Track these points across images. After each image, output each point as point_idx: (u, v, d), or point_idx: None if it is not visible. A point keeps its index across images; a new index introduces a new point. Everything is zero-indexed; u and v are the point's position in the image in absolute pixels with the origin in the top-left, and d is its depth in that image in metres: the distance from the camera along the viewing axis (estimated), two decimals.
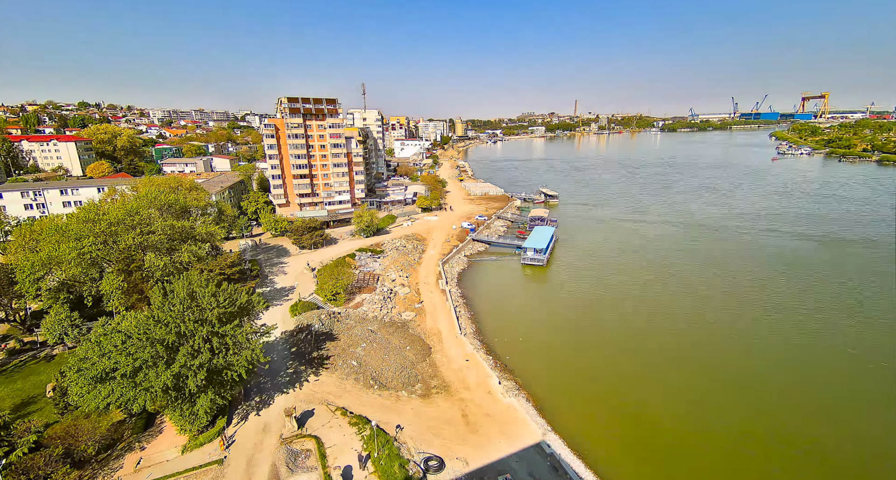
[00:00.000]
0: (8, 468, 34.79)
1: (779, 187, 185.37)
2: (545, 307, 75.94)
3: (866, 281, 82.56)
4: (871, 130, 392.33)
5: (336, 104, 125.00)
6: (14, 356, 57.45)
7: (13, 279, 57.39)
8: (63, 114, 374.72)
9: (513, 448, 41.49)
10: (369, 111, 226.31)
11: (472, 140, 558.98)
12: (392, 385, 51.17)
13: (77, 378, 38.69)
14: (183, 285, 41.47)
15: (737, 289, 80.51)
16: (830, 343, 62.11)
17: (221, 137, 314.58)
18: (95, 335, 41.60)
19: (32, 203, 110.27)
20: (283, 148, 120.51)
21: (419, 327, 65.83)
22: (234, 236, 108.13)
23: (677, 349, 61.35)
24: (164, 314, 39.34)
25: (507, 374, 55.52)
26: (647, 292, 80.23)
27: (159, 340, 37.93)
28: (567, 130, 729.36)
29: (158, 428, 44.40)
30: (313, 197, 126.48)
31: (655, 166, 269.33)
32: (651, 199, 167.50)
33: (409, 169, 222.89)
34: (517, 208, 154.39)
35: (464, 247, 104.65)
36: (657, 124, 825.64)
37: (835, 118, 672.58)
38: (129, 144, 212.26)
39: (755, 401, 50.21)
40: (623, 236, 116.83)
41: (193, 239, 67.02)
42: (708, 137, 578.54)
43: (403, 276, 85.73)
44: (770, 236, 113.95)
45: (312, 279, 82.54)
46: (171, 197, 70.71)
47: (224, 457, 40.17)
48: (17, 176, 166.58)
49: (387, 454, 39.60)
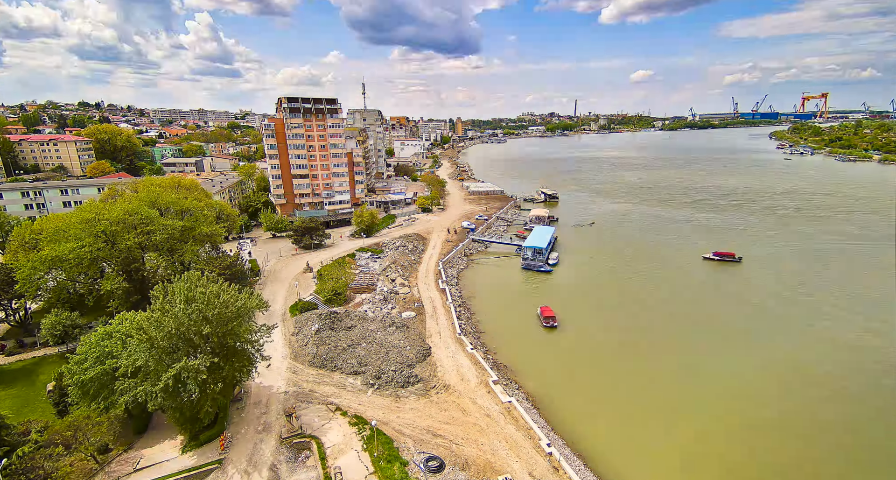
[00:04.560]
0: (8, 468, 34.77)
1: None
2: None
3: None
4: (870, 130, 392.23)
5: (336, 104, 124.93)
6: (14, 355, 57.41)
7: (13, 279, 57.32)
8: (63, 114, 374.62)
9: (513, 448, 41.47)
10: (369, 111, 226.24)
11: (472, 140, 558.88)
12: (392, 385, 51.13)
13: (77, 379, 38.68)
14: (183, 286, 41.42)
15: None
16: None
17: (221, 137, 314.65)
18: (96, 336, 41.59)
19: (32, 203, 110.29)
20: (282, 148, 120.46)
21: (419, 327, 65.80)
22: (234, 236, 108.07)
23: (679, 348, 61.34)
24: (165, 314, 39.28)
25: (506, 373, 55.51)
26: (648, 290, 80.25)
27: (159, 340, 37.88)
28: (567, 129, 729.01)
29: (158, 428, 44.39)
30: (313, 197, 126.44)
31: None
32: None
33: (409, 169, 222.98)
34: (517, 207, 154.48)
35: (464, 247, 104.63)
36: (657, 124, 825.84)
37: (834, 118, 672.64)
38: (129, 144, 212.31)
39: (760, 400, 50.19)
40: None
41: (194, 239, 67.02)
42: (709, 136, 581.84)
43: (403, 276, 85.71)
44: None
45: (312, 279, 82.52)
46: (171, 197, 70.66)
47: (224, 457, 40.15)
48: (17, 176, 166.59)
49: (387, 454, 39.59)
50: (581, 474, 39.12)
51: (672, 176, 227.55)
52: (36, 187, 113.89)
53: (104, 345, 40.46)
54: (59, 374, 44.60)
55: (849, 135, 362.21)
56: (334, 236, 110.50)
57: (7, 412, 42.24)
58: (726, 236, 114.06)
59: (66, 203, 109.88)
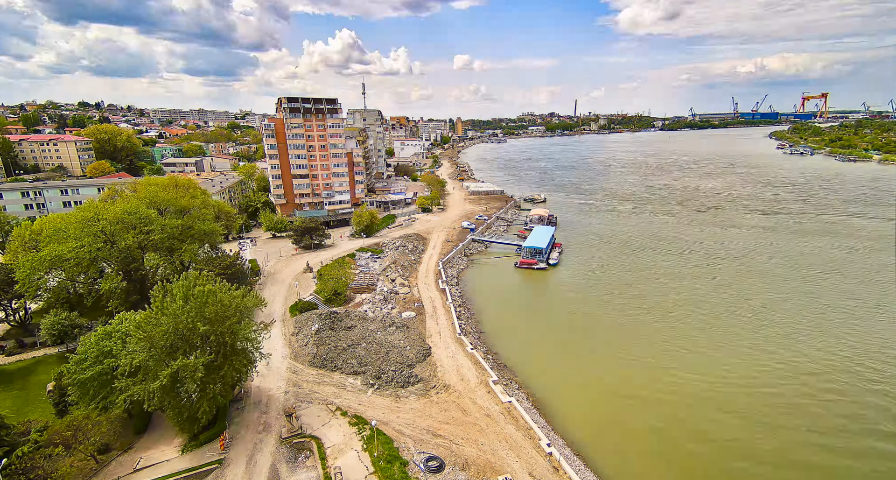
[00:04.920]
0: (8, 468, 34.75)
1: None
2: (545, 306, 75.90)
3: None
4: (870, 130, 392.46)
5: (336, 104, 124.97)
6: (13, 355, 57.39)
7: (13, 279, 57.30)
8: (63, 114, 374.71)
9: (513, 448, 41.45)
10: (369, 111, 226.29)
11: (472, 140, 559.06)
12: (392, 385, 51.12)
13: (76, 378, 38.64)
14: (183, 285, 41.40)
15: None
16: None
17: (221, 137, 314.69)
18: (95, 336, 41.55)
19: (32, 203, 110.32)
20: (282, 148, 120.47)
21: (419, 327, 65.78)
22: (234, 236, 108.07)
23: (681, 347, 61.32)
24: (164, 313, 39.27)
25: (506, 373, 55.49)
26: (650, 288, 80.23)
27: (158, 339, 37.87)
28: (567, 129, 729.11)
29: (158, 428, 44.36)
30: (313, 197, 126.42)
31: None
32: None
33: (409, 169, 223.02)
34: (517, 207, 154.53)
35: (464, 247, 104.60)
36: (657, 124, 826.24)
37: (834, 118, 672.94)
38: (129, 144, 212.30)
39: (766, 400, 50.18)
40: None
41: (192, 237, 66.97)
42: (714, 138, 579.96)
43: (403, 276, 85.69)
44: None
45: (312, 279, 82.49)
46: (169, 196, 70.64)
47: (223, 457, 40.13)
48: (17, 176, 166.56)
49: (387, 454, 39.58)
50: (581, 474, 39.09)
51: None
52: (36, 187, 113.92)
53: (103, 345, 40.41)
54: (58, 374, 44.57)
55: (849, 135, 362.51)
56: (334, 236, 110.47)
57: (7, 413, 42.28)
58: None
59: (66, 203, 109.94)
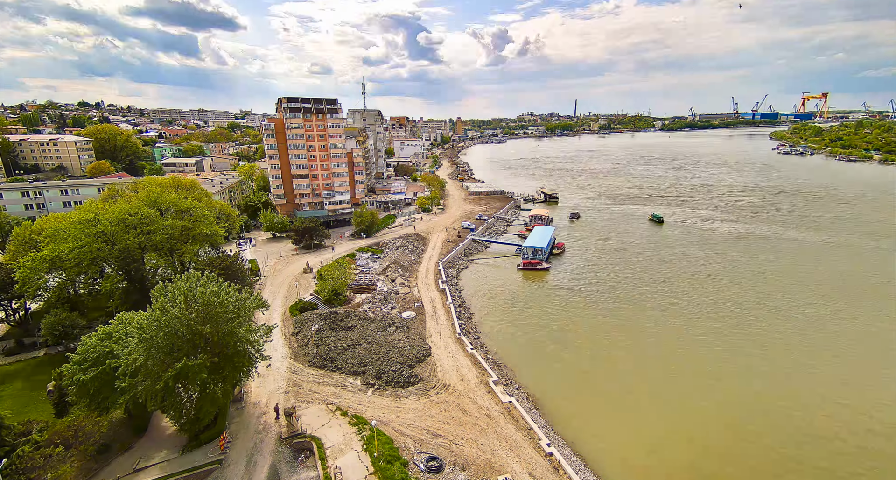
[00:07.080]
0: (8, 468, 34.76)
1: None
2: (546, 306, 75.86)
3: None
4: (870, 130, 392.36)
5: (336, 104, 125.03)
6: (13, 356, 57.38)
7: (13, 279, 57.30)
8: (63, 114, 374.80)
9: (513, 448, 41.46)
10: (369, 111, 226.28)
11: (472, 140, 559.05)
12: (392, 385, 51.13)
13: (76, 379, 38.63)
14: (183, 285, 41.39)
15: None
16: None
17: (221, 137, 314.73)
18: (96, 336, 41.55)
19: (32, 203, 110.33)
20: (283, 148, 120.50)
21: (419, 327, 65.79)
22: (234, 236, 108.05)
23: (681, 346, 61.33)
24: (165, 313, 39.26)
25: (506, 373, 55.51)
26: (650, 287, 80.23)
27: (159, 340, 37.86)
28: (567, 129, 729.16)
29: (158, 428, 44.38)
30: (313, 197, 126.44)
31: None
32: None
33: (409, 169, 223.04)
34: (517, 207, 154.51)
35: (464, 247, 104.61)
36: (657, 124, 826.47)
37: (835, 118, 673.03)
38: (129, 144, 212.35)
39: (772, 402, 50.20)
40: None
41: (194, 239, 66.96)
42: (718, 140, 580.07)
43: (403, 276, 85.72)
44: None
45: (312, 280, 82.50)
46: (170, 197, 70.63)
47: (224, 457, 40.14)
48: (17, 176, 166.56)
49: (387, 454, 39.58)
50: (581, 474, 39.09)
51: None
52: (36, 187, 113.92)
53: (104, 345, 40.40)
54: (58, 374, 44.52)
55: (849, 135, 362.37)
56: (334, 236, 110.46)
57: (7, 413, 42.22)
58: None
59: (66, 203, 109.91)
